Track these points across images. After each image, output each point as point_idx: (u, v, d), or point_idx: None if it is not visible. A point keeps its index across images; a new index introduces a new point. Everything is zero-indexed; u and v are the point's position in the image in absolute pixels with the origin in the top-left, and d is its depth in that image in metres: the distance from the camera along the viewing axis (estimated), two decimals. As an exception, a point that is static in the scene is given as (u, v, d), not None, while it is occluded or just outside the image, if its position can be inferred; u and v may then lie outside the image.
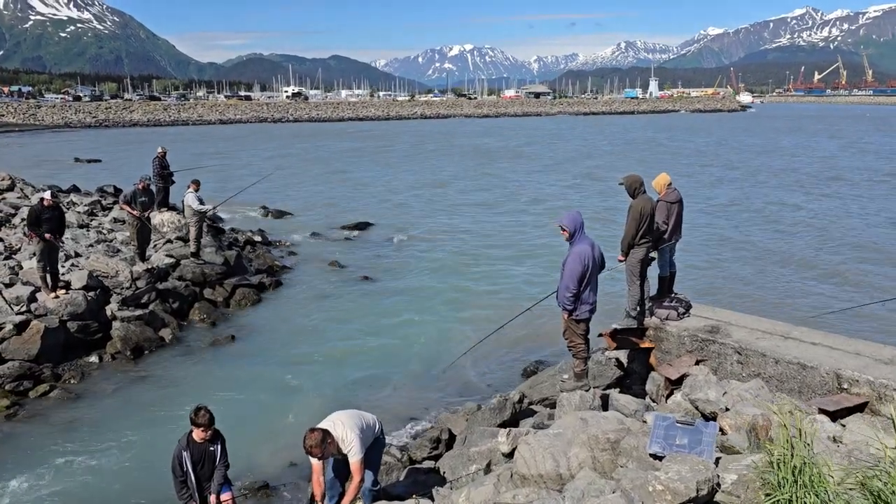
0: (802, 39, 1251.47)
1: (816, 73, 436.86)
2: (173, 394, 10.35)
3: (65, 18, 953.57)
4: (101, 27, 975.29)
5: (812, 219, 24.46)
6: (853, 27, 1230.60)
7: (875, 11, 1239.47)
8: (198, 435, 5.88)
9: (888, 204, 27.54)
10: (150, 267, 14.33)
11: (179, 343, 12.52)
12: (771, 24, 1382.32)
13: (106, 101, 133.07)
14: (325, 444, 5.35)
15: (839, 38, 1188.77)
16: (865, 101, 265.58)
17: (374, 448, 5.82)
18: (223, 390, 10.46)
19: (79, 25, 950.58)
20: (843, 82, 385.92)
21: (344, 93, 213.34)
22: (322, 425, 5.58)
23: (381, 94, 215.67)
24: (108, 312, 12.53)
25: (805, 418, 4.48)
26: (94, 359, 11.65)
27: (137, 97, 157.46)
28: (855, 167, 41.51)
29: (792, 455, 3.80)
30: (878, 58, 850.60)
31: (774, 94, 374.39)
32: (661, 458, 4.96)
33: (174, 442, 6.11)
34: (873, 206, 27.20)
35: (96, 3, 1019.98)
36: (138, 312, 12.68)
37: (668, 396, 8.11)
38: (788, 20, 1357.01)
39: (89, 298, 12.25)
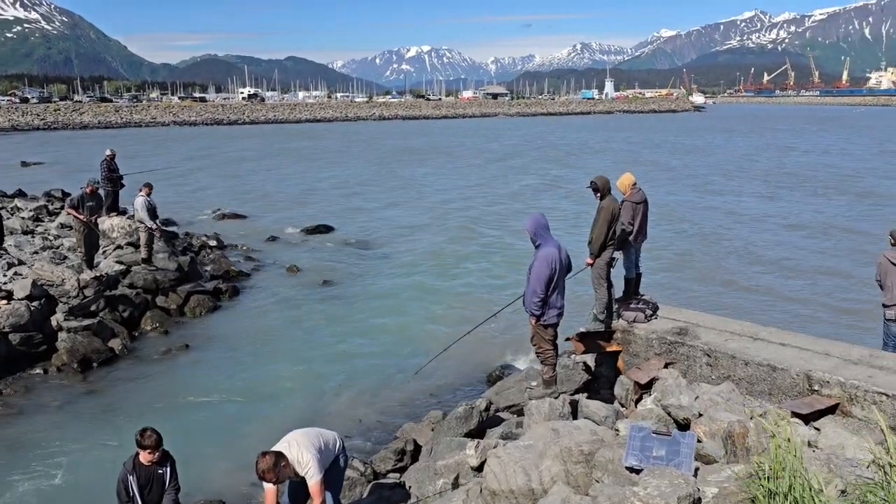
0: (752, 41, 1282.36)
1: (766, 74, 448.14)
2: (124, 408, 9.84)
3: (11, 18, 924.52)
4: (50, 27, 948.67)
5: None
6: (800, 30, 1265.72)
7: (820, 14, 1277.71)
8: (144, 457, 5.48)
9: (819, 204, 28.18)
10: (98, 274, 13.70)
11: (130, 354, 11.96)
12: (721, 27, 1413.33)
13: (55, 102, 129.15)
14: (278, 468, 5.01)
15: (786, 41, 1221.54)
16: (813, 101, 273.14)
17: (334, 468, 5.49)
18: (177, 403, 9.99)
19: (26, 26, 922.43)
20: (792, 83, 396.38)
21: (301, 94, 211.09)
22: (276, 447, 5.24)
23: (338, 95, 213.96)
24: (54, 323, 11.92)
25: (781, 422, 4.30)
26: (38, 372, 11.06)
27: (88, 99, 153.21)
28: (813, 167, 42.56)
29: (783, 467, 3.60)
30: (824, 59, 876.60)
31: (726, 94, 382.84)
32: (638, 472, 4.75)
33: (125, 460, 5.70)
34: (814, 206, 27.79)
35: (44, 2, 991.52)
36: (86, 322, 12.08)
37: (637, 401, 7.95)
38: (738, 23, 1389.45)
39: (33, 308, 11.64)
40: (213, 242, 19.32)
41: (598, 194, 7.94)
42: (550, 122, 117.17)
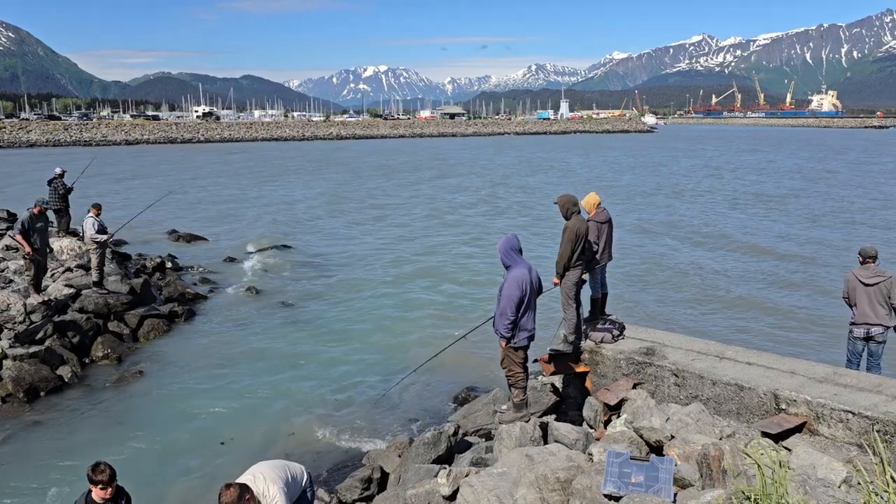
0: (700, 64, 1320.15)
1: (714, 96, 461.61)
2: (74, 441, 9.38)
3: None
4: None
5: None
6: (745, 53, 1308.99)
7: (764, 39, 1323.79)
8: (98, 495, 5.15)
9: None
10: (46, 299, 13.15)
11: (81, 382, 11.46)
12: (671, 50, 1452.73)
13: (0, 120, 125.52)
14: (242, 502, 4.75)
15: (733, 64, 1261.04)
16: (759, 122, 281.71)
17: (301, 502, 5.25)
18: (130, 434, 9.57)
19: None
20: (738, 105, 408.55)
21: (257, 113, 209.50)
22: (241, 480, 4.98)
23: (295, 114, 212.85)
24: (-2, 350, 11.37)
25: (767, 449, 4.24)
26: (-20, 403, 10.50)
27: (35, 116, 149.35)
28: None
29: (769, 496, 3.54)
30: (769, 82, 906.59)
31: (676, 115, 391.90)
32: (617, 499, 4.64)
33: (77, 497, 5.36)
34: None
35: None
36: (33, 349, 11.54)
37: (606, 423, 7.89)
38: (687, 46, 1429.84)
39: (-25, 336, 11.09)
40: (167, 264, 18.78)
41: (562, 213, 7.86)
42: (509, 142, 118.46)
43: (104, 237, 14.38)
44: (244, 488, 4.85)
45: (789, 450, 6.03)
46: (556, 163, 66.76)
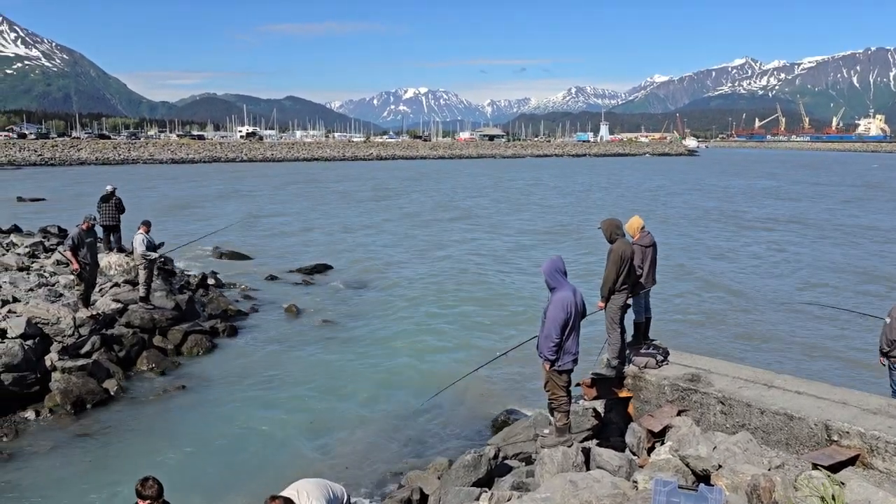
0: (743, 88, 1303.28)
1: (757, 119, 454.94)
2: (119, 453, 9.53)
3: (11, 55, 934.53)
4: (50, 65, 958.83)
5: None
6: (790, 77, 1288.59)
7: (809, 63, 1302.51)
8: (145, 508, 5.22)
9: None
10: (94, 313, 13.48)
11: (126, 395, 11.66)
12: (713, 73, 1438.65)
13: (53, 139, 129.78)
14: None
15: (777, 87, 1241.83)
16: (804, 147, 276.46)
17: (339, 522, 5.25)
18: (173, 447, 9.69)
19: (26, 62, 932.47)
20: (783, 129, 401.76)
21: (299, 133, 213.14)
22: (285, 493, 5.00)
23: (336, 135, 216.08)
24: (48, 363, 11.65)
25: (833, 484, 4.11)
26: (30, 414, 10.71)
27: (86, 135, 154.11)
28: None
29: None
30: (813, 106, 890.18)
31: (718, 139, 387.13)
32: (664, 529, 4.54)
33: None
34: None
35: (45, 40, 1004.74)
36: (81, 362, 11.81)
37: (650, 450, 7.74)
38: (729, 69, 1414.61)
39: (27, 348, 11.36)
40: (211, 281, 19.11)
41: (606, 237, 7.82)
42: (546, 163, 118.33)
43: (155, 255, 14.73)
44: (288, 502, 4.87)
45: (842, 483, 5.84)
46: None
